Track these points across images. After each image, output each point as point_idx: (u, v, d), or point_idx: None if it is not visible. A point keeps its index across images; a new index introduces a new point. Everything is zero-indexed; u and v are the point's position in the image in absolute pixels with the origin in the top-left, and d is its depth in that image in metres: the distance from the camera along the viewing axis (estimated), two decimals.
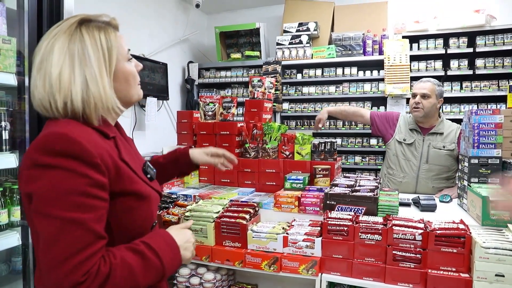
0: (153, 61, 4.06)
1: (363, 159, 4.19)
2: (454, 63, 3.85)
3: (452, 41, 3.82)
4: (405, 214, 1.81)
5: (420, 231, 1.54)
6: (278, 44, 4.42)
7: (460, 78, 3.88)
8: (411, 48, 3.94)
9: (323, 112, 2.91)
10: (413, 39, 3.95)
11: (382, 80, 4.03)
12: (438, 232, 1.52)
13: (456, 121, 2.67)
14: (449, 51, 3.81)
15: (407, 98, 3.85)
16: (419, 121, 2.62)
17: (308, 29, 4.32)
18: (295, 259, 1.69)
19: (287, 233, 1.75)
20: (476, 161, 1.93)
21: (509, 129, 1.93)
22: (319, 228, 1.75)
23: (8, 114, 1.56)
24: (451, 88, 3.86)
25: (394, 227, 1.58)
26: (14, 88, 1.58)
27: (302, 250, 1.70)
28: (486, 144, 1.92)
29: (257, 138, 2.39)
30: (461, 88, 3.84)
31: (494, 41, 3.67)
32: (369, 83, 4.15)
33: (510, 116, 1.93)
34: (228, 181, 2.44)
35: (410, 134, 2.65)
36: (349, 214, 1.73)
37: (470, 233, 1.51)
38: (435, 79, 2.63)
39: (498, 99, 3.72)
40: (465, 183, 1.99)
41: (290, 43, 4.37)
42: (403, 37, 3.94)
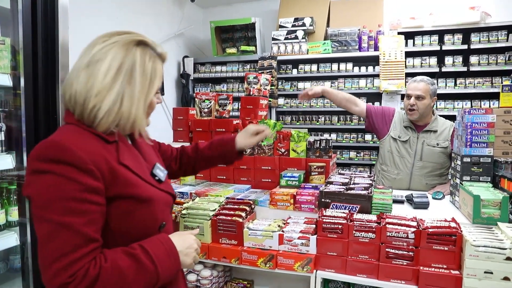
0: None
1: (358, 155, 4.22)
2: (449, 60, 3.88)
3: (447, 38, 3.85)
4: (399, 212, 1.84)
5: (413, 230, 1.58)
6: (274, 39, 4.42)
7: (455, 75, 3.91)
8: (407, 44, 3.96)
9: (318, 88, 2.81)
10: (409, 35, 3.97)
11: (377, 76, 4.05)
12: (430, 231, 1.55)
13: (450, 118, 2.70)
14: (444, 48, 3.84)
15: (402, 94, 3.88)
16: (414, 120, 2.65)
17: (304, 24, 4.32)
18: (291, 257, 1.71)
19: (283, 231, 1.77)
20: (469, 160, 1.96)
21: (501, 129, 1.97)
22: (314, 226, 1.77)
23: (4, 115, 1.56)
24: (446, 85, 3.89)
25: (388, 226, 1.61)
26: (10, 89, 1.58)
27: (298, 248, 1.73)
28: (478, 143, 1.95)
29: None
30: (455, 85, 3.87)
31: (489, 38, 3.70)
32: (364, 79, 4.17)
33: (502, 116, 1.96)
34: (224, 178, 2.46)
35: (405, 132, 2.68)
36: (344, 212, 1.76)
37: (461, 232, 1.54)
38: (428, 77, 2.65)
39: (492, 96, 3.76)
40: (458, 181, 2.02)
41: (286, 38, 4.37)
42: (399, 33, 3.96)
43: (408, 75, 3.90)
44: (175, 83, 4.82)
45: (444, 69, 3.87)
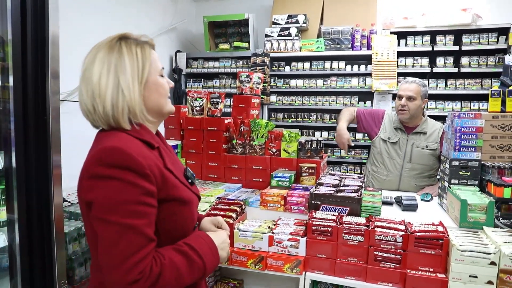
0: None
1: (349, 153, 4.25)
2: (440, 61, 3.91)
3: (439, 39, 3.87)
4: (388, 214, 1.87)
5: (401, 233, 1.60)
6: (267, 36, 4.40)
7: (445, 76, 3.94)
8: (399, 44, 3.98)
9: (344, 130, 2.71)
10: (401, 35, 3.99)
11: (370, 75, 4.06)
12: (418, 235, 1.58)
13: (440, 118, 2.73)
14: (436, 48, 3.87)
15: (394, 94, 3.90)
16: (404, 121, 2.68)
17: (297, 22, 4.31)
18: (280, 258, 1.73)
19: (273, 233, 1.78)
20: (457, 164, 1.99)
21: (489, 133, 2.00)
22: (304, 228, 1.79)
23: None
24: (436, 85, 3.93)
25: (376, 229, 1.63)
26: None
27: (287, 250, 1.74)
28: (467, 147, 1.98)
29: (245, 135, 2.40)
30: (446, 86, 3.91)
31: (479, 40, 3.74)
32: (357, 78, 4.18)
33: (490, 121, 1.99)
34: (215, 177, 2.46)
35: (395, 133, 2.70)
36: (333, 215, 1.78)
37: (448, 236, 1.57)
38: (420, 79, 2.67)
39: (481, 98, 3.81)
40: (446, 184, 2.05)
41: (279, 35, 4.36)
42: (391, 33, 3.97)
43: (400, 75, 3.93)
44: (168, 78, 4.78)
45: (436, 70, 3.90)
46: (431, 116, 2.86)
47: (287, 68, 4.41)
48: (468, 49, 3.78)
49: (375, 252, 1.62)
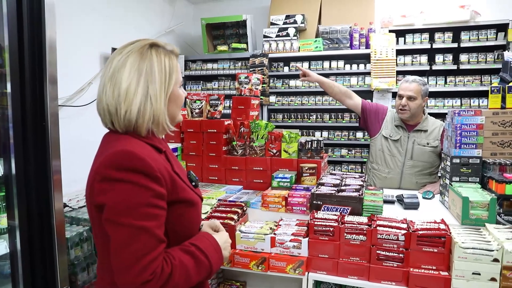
0: None
1: (349, 152, 4.24)
2: (439, 58, 3.90)
3: (438, 36, 3.86)
4: (389, 213, 1.86)
5: (403, 232, 1.60)
6: (265, 37, 4.40)
7: (445, 73, 3.94)
8: (398, 42, 3.97)
9: (314, 76, 2.86)
10: (400, 33, 3.98)
11: (369, 74, 4.06)
12: (420, 233, 1.57)
13: (440, 116, 2.72)
14: (435, 46, 3.86)
15: (393, 92, 3.90)
16: (405, 119, 2.67)
17: (295, 22, 4.30)
18: (283, 259, 1.73)
19: (275, 234, 1.78)
20: (458, 161, 1.98)
21: (490, 130, 1.99)
22: (306, 228, 1.79)
23: None
24: (436, 83, 3.92)
25: (378, 228, 1.63)
26: None
27: (289, 250, 1.74)
28: (468, 144, 1.98)
29: (245, 136, 2.40)
30: (446, 83, 3.90)
31: (478, 37, 3.73)
32: (356, 77, 4.18)
33: (491, 117, 1.98)
34: (216, 179, 2.46)
35: (396, 131, 2.70)
36: (335, 214, 1.77)
37: (450, 233, 1.57)
38: (420, 78, 2.66)
39: (481, 94, 3.80)
40: (447, 181, 2.05)
41: (277, 36, 4.36)
42: (390, 31, 3.97)
43: (399, 73, 3.92)
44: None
45: (435, 67, 3.89)
46: (431, 114, 2.85)
47: (286, 69, 4.41)
48: (467, 46, 3.77)
49: (378, 251, 1.62)
